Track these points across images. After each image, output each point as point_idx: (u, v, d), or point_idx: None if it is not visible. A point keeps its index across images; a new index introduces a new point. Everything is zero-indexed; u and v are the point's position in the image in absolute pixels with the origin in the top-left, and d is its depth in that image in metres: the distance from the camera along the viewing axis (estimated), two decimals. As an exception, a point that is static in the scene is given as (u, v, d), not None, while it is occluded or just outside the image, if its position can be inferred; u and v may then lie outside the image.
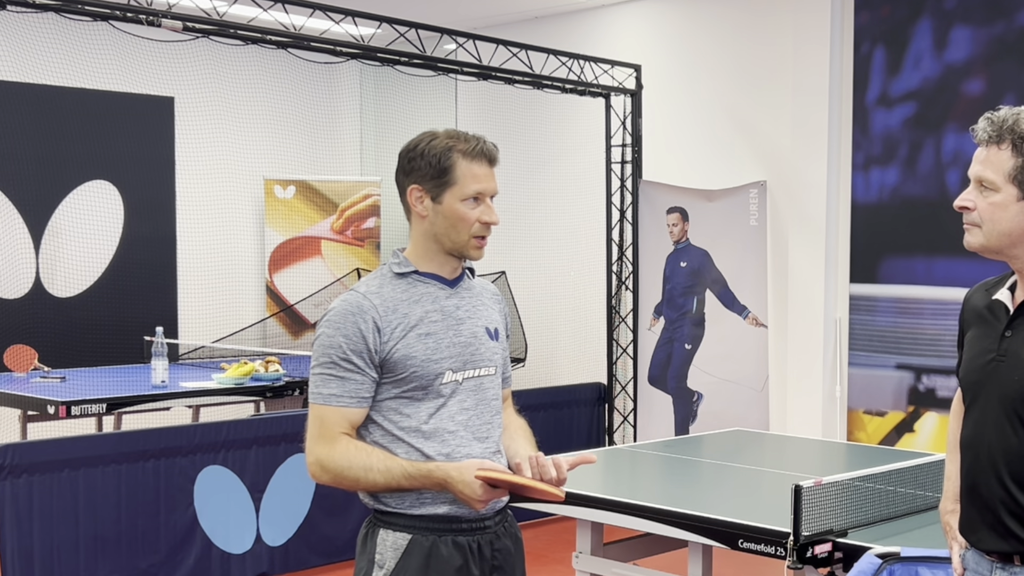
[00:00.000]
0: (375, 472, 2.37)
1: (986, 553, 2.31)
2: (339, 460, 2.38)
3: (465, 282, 2.57)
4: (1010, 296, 2.33)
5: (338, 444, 2.39)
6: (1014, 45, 6.06)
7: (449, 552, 2.42)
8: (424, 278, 2.50)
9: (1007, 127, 2.23)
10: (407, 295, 2.47)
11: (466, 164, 2.44)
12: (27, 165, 7.81)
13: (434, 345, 2.44)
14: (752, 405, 6.86)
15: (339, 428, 2.40)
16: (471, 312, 2.53)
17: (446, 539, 2.43)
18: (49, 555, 4.89)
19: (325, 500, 5.82)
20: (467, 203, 2.45)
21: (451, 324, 2.48)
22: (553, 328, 8.32)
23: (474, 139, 2.47)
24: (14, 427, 6.40)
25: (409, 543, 2.42)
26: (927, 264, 6.35)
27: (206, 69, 7.93)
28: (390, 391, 2.43)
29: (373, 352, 2.40)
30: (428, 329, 2.44)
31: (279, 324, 8.73)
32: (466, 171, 2.44)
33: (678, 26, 7.64)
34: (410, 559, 2.41)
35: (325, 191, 9.02)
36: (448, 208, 2.45)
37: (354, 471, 2.38)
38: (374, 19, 6.27)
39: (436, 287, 2.50)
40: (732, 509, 3.65)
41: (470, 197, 2.45)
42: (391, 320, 2.42)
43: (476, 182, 2.45)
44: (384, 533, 2.44)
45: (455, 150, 2.44)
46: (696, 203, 7.18)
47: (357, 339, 2.40)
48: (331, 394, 2.41)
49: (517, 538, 2.60)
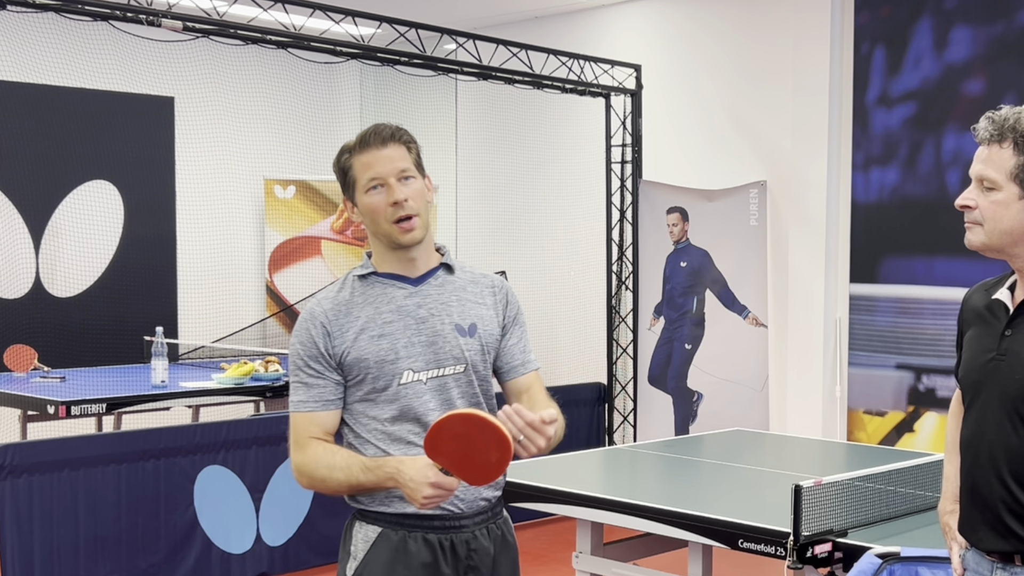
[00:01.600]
0: (337, 471, 2.41)
1: (986, 553, 2.31)
2: (309, 463, 2.44)
3: (436, 279, 2.53)
4: (1010, 295, 2.34)
5: (308, 448, 2.45)
6: (1014, 45, 6.06)
7: (417, 548, 2.44)
8: (383, 279, 2.50)
9: (1008, 126, 2.23)
10: (363, 297, 2.48)
11: (357, 158, 2.47)
12: (27, 165, 7.80)
13: (388, 346, 2.44)
14: (752, 405, 6.86)
15: (308, 433, 2.45)
16: (436, 310, 2.49)
17: (416, 535, 2.44)
18: (49, 555, 4.89)
19: (325, 500, 5.82)
20: (371, 193, 2.45)
21: (409, 323, 2.47)
22: (553, 328, 8.32)
23: (367, 129, 2.49)
24: (14, 427, 6.40)
25: (378, 536, 2.45)
26: (927, 264, 6.35)
27: (206, 69, 7.93)
28: (354, 393, 2.47)
29: (327, 356, 2.45)
30: (382, 330, 2.45)
31: (279, 324, 8.73)
32: (359, 165, 2.47)
33: (678, 26, 7.64)
34: (378, 551, 2.45)
35: (325, 191, 9.02)
36: (362, 206, 2.47)
37: (320, 472, 2.42)
38: (374, 19, 6.27)
39: (395, 287, 2.49)
40: (732, 509, 3.65)
41: (369, 187, 2.45)
42: (341, 323, 2.45)
43: (368, 170, 2.45)
44: (359, 526, 2.49)
45: (349, 151, 2.49)
46: (696, 203, 7.18)
47: (310, 344, 2.45)
48: (299, 400, 2.47)
49: (505, 541, 2.55)
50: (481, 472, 2.30)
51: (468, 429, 2.25)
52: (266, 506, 5.64)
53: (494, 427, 2.23)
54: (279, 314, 8.72)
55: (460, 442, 2.26)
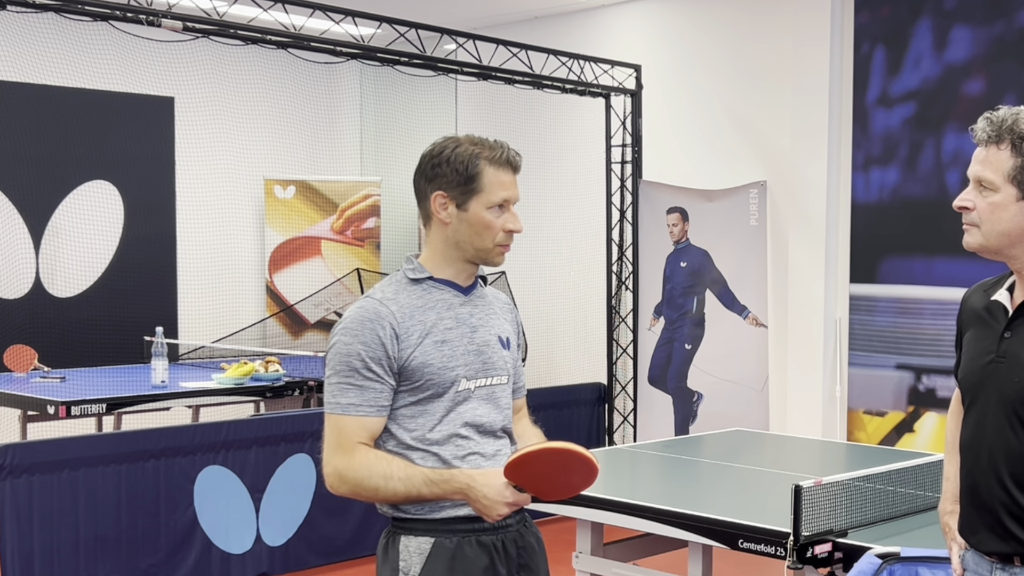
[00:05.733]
0: (395, 480, 2.33)
1: (986, 554, 2.31)
2: (359, 470, 2.34)
3: (478, 290, 2.55)
4: (1009, 297, 2.33)
5: (357, 454, 2.35)
6: (1014, 45, 6.06)
7: (475, 552, 2.39)
8: (439, 284, 2.47)
9: (1006, 127, 2.22)
10: (422, 301, 2.44)
11: (493, 171, 2.42)
12: (27, 165, 7.81)
13: (449, 352, 2.41)
14: (752, 405, 6.86)
15: (357, 438, 2.36)
16: (484, 320, 2.51)
17: (470, 539, 2.39)
18: (49, 555, 4.89)
19: (325, 500, 5.82)
20: (493, 211, 2.42)
21: (465, 332, 2.45)
22: (553, 328, 8.32)
23: (499, 146, 2.45)
24: (14, 427, 6.40)
25: (433, 546, 2.38)
26: (927, 264, 6.35)
27: (206, 69, 7.94)
28: (405, 399, 2.40)
29: (392, 359, 2.36)
30: (443, 336, 2.41)
31: (279, 324, 8.73)
32: (493, 178, 2.41)
33: (678, 26, 7.64)
34: (436, 562, 2.37)
35: (325, 191, 9.02)
36: (474, 215, 2.42)
37: (374, 480, 2.33)
38: (374, 19, 6.27)
39: (451, 294, 2.48)
40: (732, 509, 3.65)
41: (496, 205, 2.42)
42: (408, 327, 2.39)
43: (503, 189, 2.42)
44: (406, 539, 2.40)
45: (482, 157, 2.41)
46: (696, 203, 7.18)
47: (376, 346, 2.36)
48: (349, 403, 2.36)
49: (539, 538, 2.58)
50: (558, 492, 2.34)
51: (559, 460, 2.28)
52: (266, 506, 5.64)
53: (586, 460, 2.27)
54: (279, 314, 8.73)
55: (546, 468, 2.29)
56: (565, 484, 2.33)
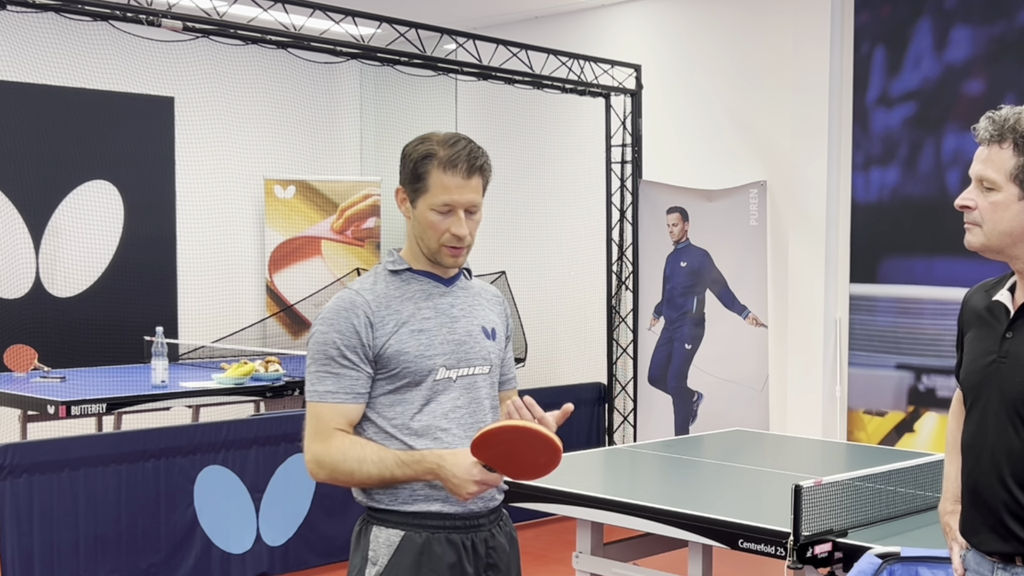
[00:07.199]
0: (369, 463, 2.37)
1: (987, 554, 2.31)
2: (334, 455, 2.39)
3: (462, 281, 2.57)
4: (1010, 297, 2.33)
5: (333, 440, 2.40)
6: (1014, 45, 6.06)
7: (442, 549, 2.42)
8: (418, 275, 2.51)
9: (1008, 126, 2.22)
10: (400, 291, 2.47)
11: (439, 174, 2.40)
12: (27, 165, 7.80)
13: (427, 341, 2.44)
14: (752, 405, 6.86)
15: (334, 424, 2.41)
16: (467, 311, 2.53)
17: (439, 536, 2.43)
18: (49, 555, 4.89)
19: (325, 500, 5.82)
20: (435, 212, 2.42)
21: (445, 321, 2.48)
22: (553, 328, 8.32)
23: (460, 147, 2.41)
24: (14, 427, 6.40)
25: (402, 539, 2.42)
26: (927, 264, 6.35)
27: (206, 69, 7.93)
28: (383, 387, 2.44)
29: (367, 347, 2.41)
30: (421, 325, 2.45)
31: (279, 324, 8.73)
32: (437, 181, 2.40)
33: (678, 26, 7.64)
34: (403, 555, 2.41)
35: (325, 191, 9.02)
36: (420, 214, 2.44)
37: (348, 464, 2.38)
38: (374, 19, 6.27)
39: (430, 284, 2.51)
40: (732, 509, 3.65)
41: (439, 207, 2.42)
42: (383, 316, 2.43)
43: (445, 193, 2.40)
44: (377, 530, 2.45)
45: (434, 158, 2.40)
46: (696, 203, 7.18)
47: (350, 334, 2.40)
48: (326, 391, 2.41)
49: (512, 538, 2.59)
50: (527, 471, 2.36)
51: (519, 438, 2.29)
52: (266, 506, 5.64)
53: (546, 438, 2.29)
54: (279, 314, 8.72)
55: (509, 447, 2.31)
56: (531, 464, 2.34)
